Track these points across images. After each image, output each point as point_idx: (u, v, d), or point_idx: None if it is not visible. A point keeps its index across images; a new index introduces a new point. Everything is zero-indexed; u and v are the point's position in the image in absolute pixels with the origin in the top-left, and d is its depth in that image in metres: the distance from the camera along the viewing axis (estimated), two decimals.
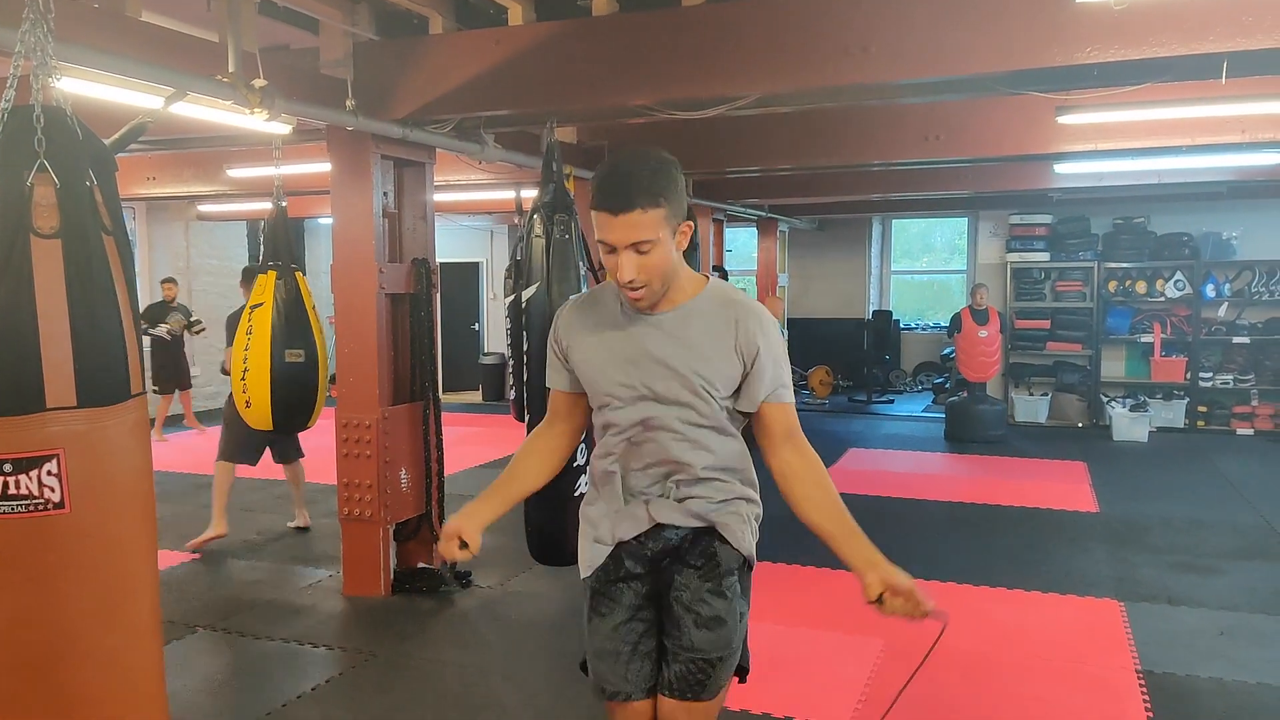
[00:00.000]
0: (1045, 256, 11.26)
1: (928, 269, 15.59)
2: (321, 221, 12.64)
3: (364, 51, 4.84)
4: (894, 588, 1.97)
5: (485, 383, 13.45)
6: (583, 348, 2.16)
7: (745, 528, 2.19)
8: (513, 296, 4.70)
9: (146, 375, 2.86)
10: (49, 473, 2.23)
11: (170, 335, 9.81)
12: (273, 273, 4.78)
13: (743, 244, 14.28)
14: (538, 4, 4.73)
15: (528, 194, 6.71)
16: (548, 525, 4.50)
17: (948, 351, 12.60)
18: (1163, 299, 10.75)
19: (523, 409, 4.52)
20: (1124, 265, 10.93)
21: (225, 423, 6.13)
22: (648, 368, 2.08)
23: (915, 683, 2.27)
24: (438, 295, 5.41)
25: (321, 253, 13.52)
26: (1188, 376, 10.63)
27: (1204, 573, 5.54)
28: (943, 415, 10.64)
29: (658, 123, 5.17)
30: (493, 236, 14.16)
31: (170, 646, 4.24)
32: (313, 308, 5.60)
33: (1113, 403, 10.64)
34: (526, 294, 4.31)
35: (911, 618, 1.98)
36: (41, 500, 2.23)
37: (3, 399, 2.20)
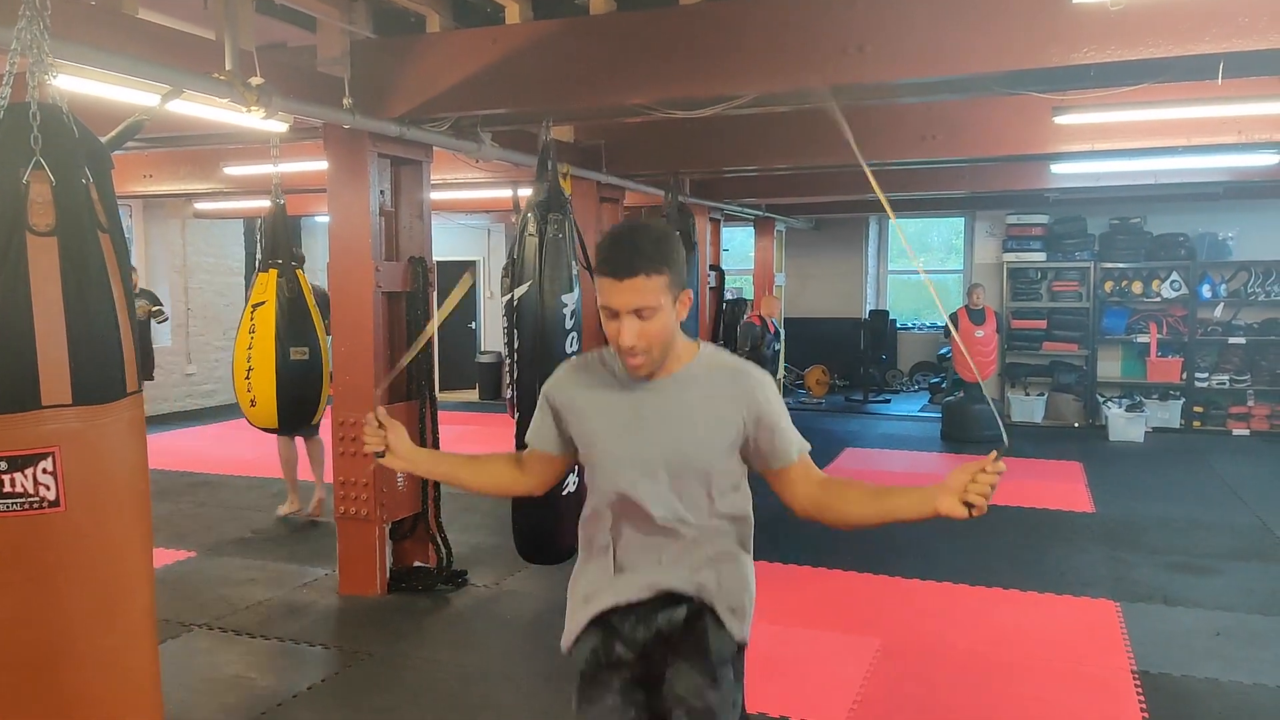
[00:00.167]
0: (1042, 256, 11.28)
1: (926, 269, 15.55)
2: (319, 219, 12.61)
3: (361, 49, 4.84)
4: (960, 487, 1.83)
5: (482, 381, 13.43)
6: (578, 410, 2.15)
7: (744, 594, 2.15)
8: (508, 295, 4.71)
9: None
10: (44, 471, 2.23)
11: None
12: (274, 270, 4.77)
13: (740, 243, 14.29)
14: (535, 2, 4.74)
15: (525, 192, 6.70)
16: (535, 524, 4.52)
17: (944, 351, 12.62)
18: (1159, 299, 10.76)
19: (515, 408, 4.53)
20: (1120, 265, 10.95)
21: None
22: (646, 434, 2.07)
23: (914, 683, 2.25)
24: (434, 294, 5.40)
25: (318, 251, 13.49)
26: (1184, 377, 10.65)
27: (1200, 573, 5.55)
28: (939, 415, 10.66)
29: (655, 121, 5.17)
30: (490, 235, 14.15)
31: (166, 645, 4.23)
32: (314, 305, 5.60)
33: (1109, 403, 10.66)
34: (518, 292, 4.31)
35: (997, 473, 1.82)
36: (37, 498, 2.23)
37: None
